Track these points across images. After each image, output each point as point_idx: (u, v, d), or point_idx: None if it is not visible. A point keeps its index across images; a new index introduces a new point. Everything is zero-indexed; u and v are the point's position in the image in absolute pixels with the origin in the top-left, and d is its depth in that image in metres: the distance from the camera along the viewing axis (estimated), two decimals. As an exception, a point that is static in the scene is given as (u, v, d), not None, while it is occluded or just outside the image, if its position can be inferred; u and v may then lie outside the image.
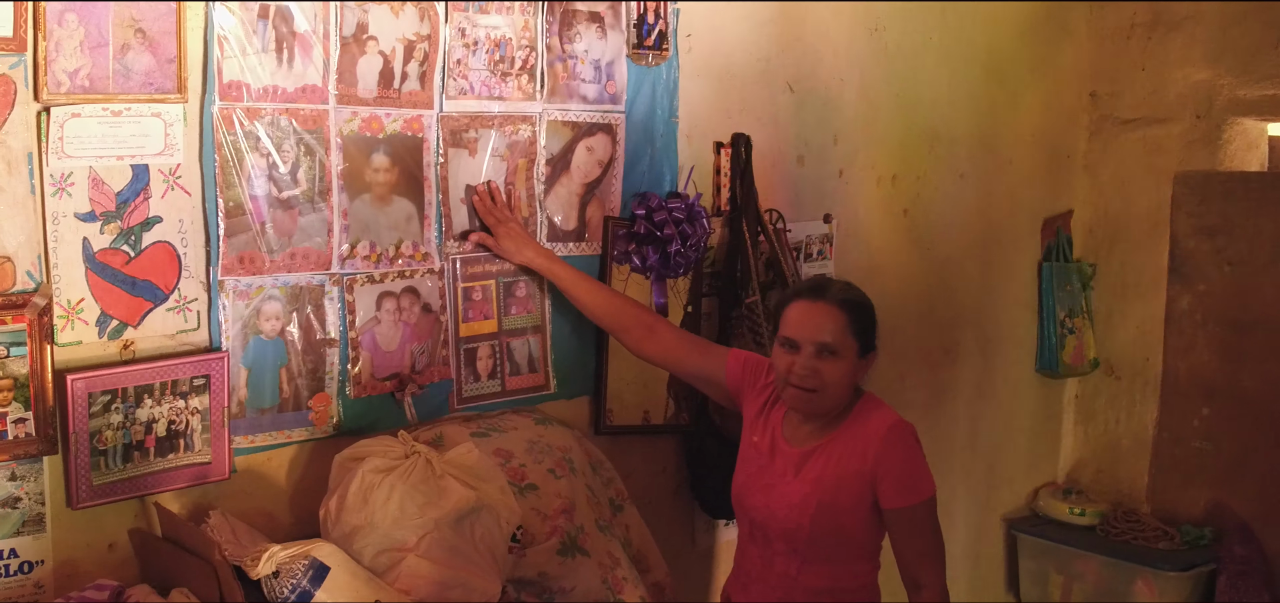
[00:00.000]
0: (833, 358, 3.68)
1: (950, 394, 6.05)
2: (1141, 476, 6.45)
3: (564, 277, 4.20)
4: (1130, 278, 6.45)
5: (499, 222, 4.10)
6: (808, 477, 3.75)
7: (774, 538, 3.82)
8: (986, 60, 5.89)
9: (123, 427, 3.39)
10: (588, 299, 4.21)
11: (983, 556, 6.46)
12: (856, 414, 3.79)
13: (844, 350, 3.69)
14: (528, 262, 4.17)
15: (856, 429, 3.76)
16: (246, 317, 3.62)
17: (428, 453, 3.56)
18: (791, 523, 3.75)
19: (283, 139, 3.61)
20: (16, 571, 3.28)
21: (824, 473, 3.73)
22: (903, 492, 3.71)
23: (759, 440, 3.91)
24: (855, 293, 3.80)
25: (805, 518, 3.72)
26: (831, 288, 3.80)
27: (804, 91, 5.04)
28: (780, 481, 3.80)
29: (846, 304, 3.72)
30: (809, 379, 3.70)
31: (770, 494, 3.81)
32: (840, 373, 3.70)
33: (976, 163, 5.94)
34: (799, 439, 3.82)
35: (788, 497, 3.76)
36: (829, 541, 3.75)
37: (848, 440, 3.75)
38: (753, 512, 3.87)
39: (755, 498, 3.85)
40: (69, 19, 3.18)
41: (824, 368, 3.68)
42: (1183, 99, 6.19)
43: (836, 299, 3.72)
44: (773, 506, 3.79)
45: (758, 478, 3.87)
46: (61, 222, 3.24)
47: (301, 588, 3.24)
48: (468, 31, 3.97)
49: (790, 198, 5.01)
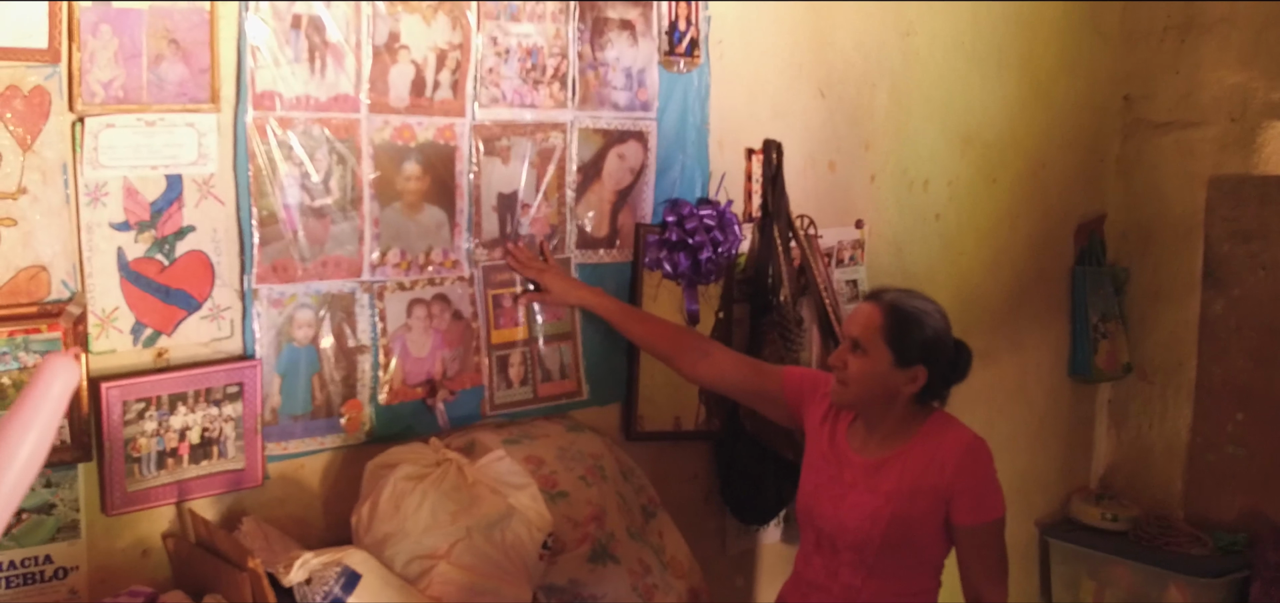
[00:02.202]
0: (860, 354, 3.68)
1: (983, 398, 6.02)
2: (1175, 481, 6.42)
3: (614, 311, 4.23)
4: (1164, 282, 6.42)
5: (541, 272, 4.15)
6: (880, 488, 3.72)
7: (842, 549, 3.79)
8: (1019, 63, 5.87)
9: (157, 434, 3.41)
10: (640, 330, 4.25)
11: (1015, 560, 6.36)
12: (930, 429, 3.76)
13: (872, 350, 3.67)
14: (580, 302, 4.24)
15: (931, 444, 3.73)
16: (279, 324, 3.64)
17: (459, 461, 3.57)
18: (862, 535, 3.72)
19: (315, 148, 3.63)
20: (51, 577, 3.30)
21: (897, 485, 3.71)
22: (976, 509, 3.69)
23: (826, 450, 3.88)
24: (915, 304, 3.75)
25: (877, 530, 3.70)
26: (890, 293, 3.79)
27: (835, 96, 5.04)
28: (851, 491, 3.77)
29: (891, 309, 3.70)
30: (838, 367, 3.73)
31: (840, 505, 3.77)
32: (864, 370, 3.68)
33: (1009, 167, 5.92)
34: (869, 450, 3.80)
35: (859, 508, 3.73)
36: (898, 553, 3.73)
37: (922, 454, 3.72)
38: (821, 522, 3.83)
39: (824, 508, 3.82)
40: (103, 30, 3.21)
41: (851, 361, 3.70)
42: (1217, 102, 6.16)
43: (884, 301, 3.72)
44: (842, 516, 3.76)
45: (827, 488, 3.83)
46: (96, 231, 3.27)
47: (334, 595, 3.25)
48: (499, 40, 3.98)
49: (822, 203, 5.00)
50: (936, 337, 3.72)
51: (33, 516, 3.25)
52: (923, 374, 3.70)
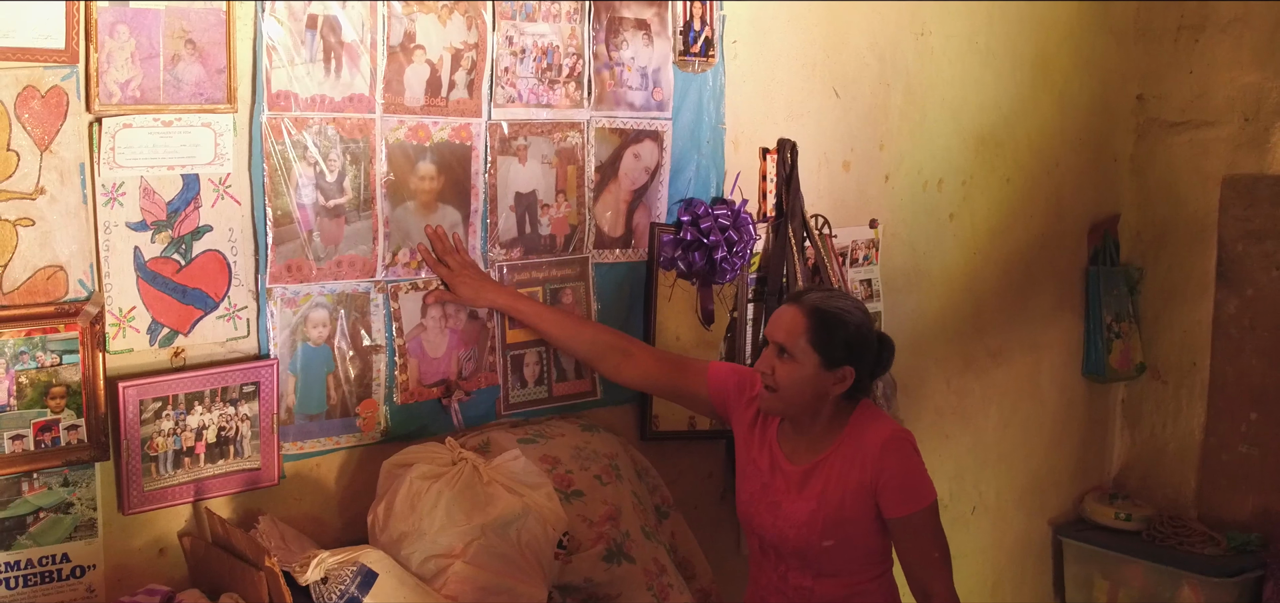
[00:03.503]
0: (788, 360, 3.68)
1: (996, 398, 6.03)
2: (1188, 480, 6.42)
3: (529, 313, 4.09)
4: (1177, 282, 6.41)
5: (453, 271, 3.94)
6: (811, 494, 3.74)
7: (786, 555, 3.82)
8: (1032, 63, 5.87)
9: (173, 433, 3.42)
10: (557, 331, 4.12)
11: (1029, 560, 6.43)
12: (853, 425, 3.77)
13: (799, 355, 3.67)
14: (490, 304, 4.04)
15: (854, 441, 3.74)
16: (294, 324, 3.65)
17: (474, 460, 3.57)
18: (802, 541, 3.74)
19: (329, 148, 3.63)
20: (69, 575, 3.31)
21: (827, 489, 3.72)
22: (904, 500, 3.70)
23: (758, 457, 3.89)
24: (836, 304, 3.75)
25: (814, 536, 3.72)
26: (810, 295, 3.80)
27: (850, 96, 5.04)
28: (785, 499, 3.79)
29: (814, 312, 3.69)
30: (766, 375, 3.72)
31: (777, 514, 3.79)
32: (793, 377, 3.68)
33: (1023, 167, 5.92)
34: (798, 456, 3.81)
35: (794, 516, 3.75)
36: (840, 553, 3.75)
37: (847, 453, 3.73)
38: (762, 531, 3.86)
39: (763, 517, 3.84)
40: (120, 30, 3.21)
41: (778, 368, 3.70)
42: (1231, 102, 6.15)
43: (807, 305, 3.72)
44: (780, 526, 3.78)
45: (761, 497, 3.85)
46: (113, 231, 3.28)
47: (350, 594, 3.25)
48: (515, 40, 3.98)
49: (836, 203, 5.00)
50: (860, 334, 3.73)
51: (50, 514, 3.26)
52: (850, 374, 3.71)
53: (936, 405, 5.69)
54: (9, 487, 3.20)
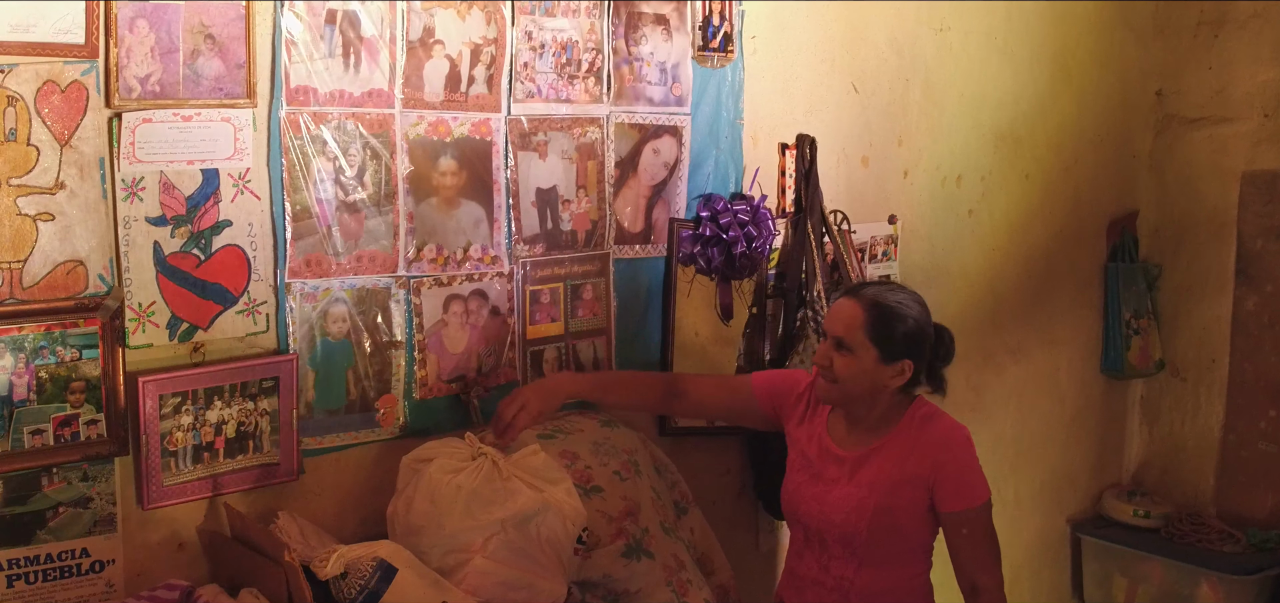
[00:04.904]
0: (845, 353, 3.70)
1: (1015, 395, 6.02)
2: (1207, 478, 6.41)
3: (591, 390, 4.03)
4: (1196, 279, 6.40)
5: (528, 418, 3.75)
6: (862, 481, 3.75)
7: (831, 543, 3.82)
8: (1051, 59, 5.86)
9: (193, 428, 3.42)
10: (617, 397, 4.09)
11: (1047, 557, 6.43)
12: (909, 419, 3.79)
13: (857, 348, 3.69)
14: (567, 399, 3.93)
15: (911, 435, 3.77)
16: (314, 319, 3.64)
17: (494, 455, 3.56)
18: (849, 528, 3.75)
19: (349, 143, 3.63)
20: (88, 570, 3.31)
21: (878, 477, 3.74)
22: (960, 496, 3.72)
23: (807, 447, 3.91)
24: (894, 297, 3.76)
25: (862, 522, 3.73)
26: (869, 289, 3.81)
27: (868, 92, 5.03)
28: (834, 486, 3.80)
29: (872, 305, 3.71)
30: (824, 368, 3.74)
31: (825, 501, 3.81)
32: (852, 369, 3.70)
33: (1042, 163, 5.91)
34: (850, 444, 3.83)
35: (844, 502, 3.76)
36: (886, 543, 3.76)
37: (902, 445, 3.76)
38: (807, 519, 3.87)
39: (809, 505, 3.85)
40: (140, 25, 3.21)
41: (836, 359, 3.72)
42: (1250, 98, 6.14)
43: (865, 298, 3.73)
44: (827, 511, 3.79)
45: (810, 486, 3.87)
46: (133, 226, 3.27)
47: (370, 588, 3.25)
48: (534, 34, 3.98)
49: (855, 199, 5.00)
50: (918, 327, 3.75)
51: (69, 509, 3.26)
52: (909, 367, 3.74)
53: (955, 402, 5.60)
54: (29, 482, 3.20)
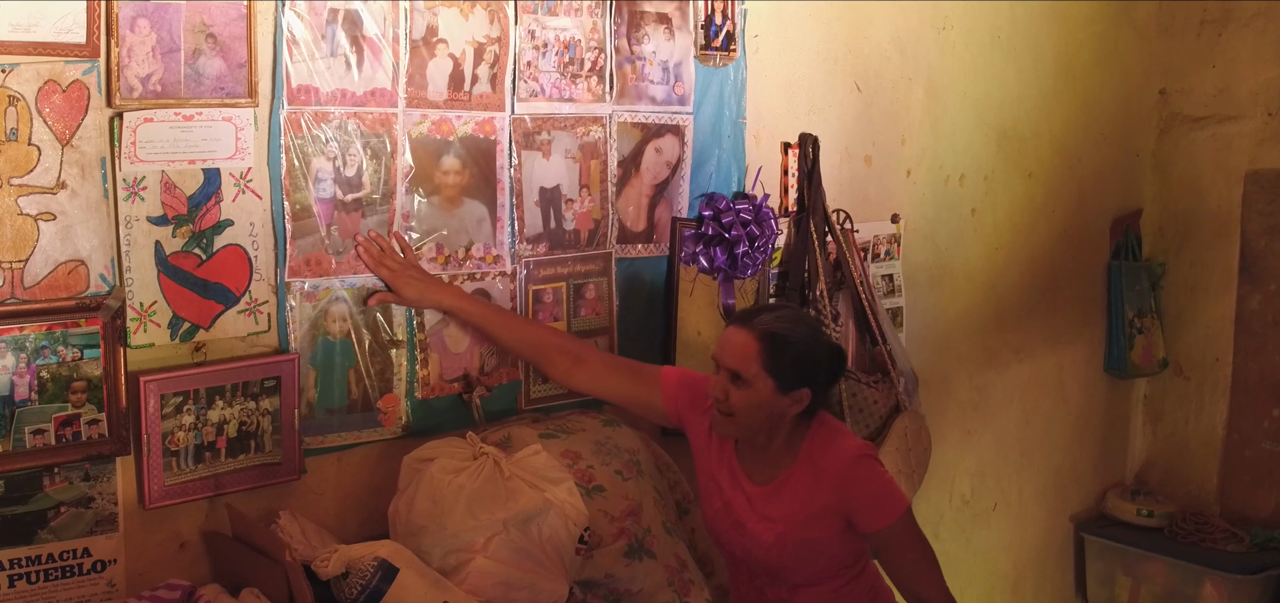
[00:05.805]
0: (742, 386, 3.58)
1: (1018, 394, 6.02)
2: (1211, 477, 6.41)
3: (476, 313, 3.93)
4: (1200, 277, 6.40)
5: (395, 272, 3.75)
6: (777, 517, 3.68)
7: (758, 572, 3.79)
8: (1054, 58, 5.86)
9: (194, 428, 3.41)
10: (504, 334, 3.99)
11: (1050, 556, 6.42)
12: (811, 441, 3.69)
13: (753, 380, 3.56)
14: (435, 304, 3.87)
15: (814, 461, 3.67)
16: (314, 318, 3.64)
17: (496, 455, 3.56)
18: (773, 561, 3.70)
19: (349, 142, 3.62)
20: (89, 569, 3.31)
21: (791, 512, 3.66)
22: (877, 516, 3.63)
23: (717, 472, 3.82)
24: (787, 326, 3.64)
25: (785, 556, 3.68)
26: (761, 317, 3.67)
27: (871, 91, 5.03)
28: (749, 520, 3.73)
29: (766, 336, 3.57)
30: (720, 401, 3.63)
31: (743, 533, 3.74)
32: (748, 402, 3.58)
33: (1045, 161, 5.91)
34: (759, 475, 3.74)
35: (763, 536, 3.69)
36: (814, 563, 3.71)
37: (807, 476, 3.66)
38: (730, 547, 3.82)
39: (729, 535, 3.79)
40: (141, 25, 3.20)
41: (732, 393, 3.59)
42: (1254, 96, 6.14)
43: (758, 329, 3.60)
44: (749, 545, 3.73)
45: (725, 515, 3.79)
46: (134, 225, 3.27)
47: (371, 588, 3.25)
48: (537, 34, 3.97)
49: (858, 198, 4.99)
50: (812, 353, 3.64)
51: (71, 509, 3.26)
52: (806, 395, 3.62)
53: (958, 401, 5.68)
54: (30, 481, 3.20)
